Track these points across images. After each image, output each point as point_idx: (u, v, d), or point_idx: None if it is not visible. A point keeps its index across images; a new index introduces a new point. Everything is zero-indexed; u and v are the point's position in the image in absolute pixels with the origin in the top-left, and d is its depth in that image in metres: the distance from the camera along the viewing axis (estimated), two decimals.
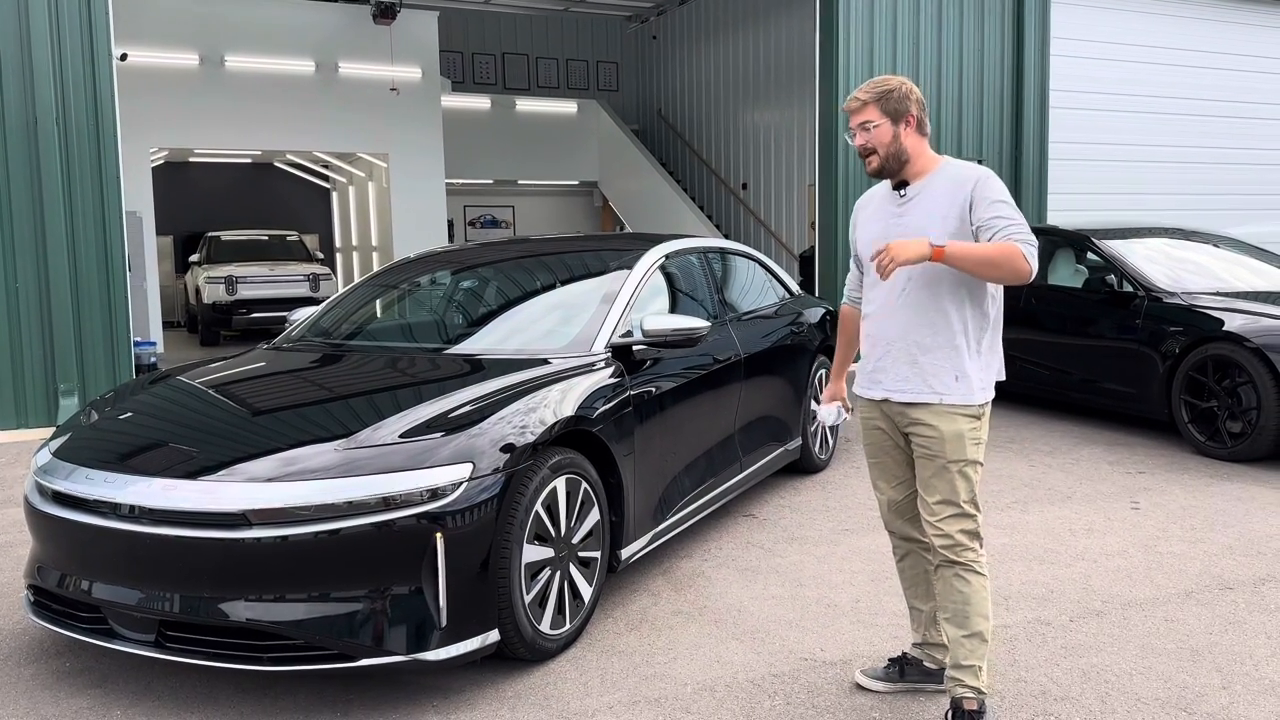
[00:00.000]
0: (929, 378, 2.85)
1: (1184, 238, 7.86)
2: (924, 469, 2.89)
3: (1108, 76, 11.75)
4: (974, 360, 2.85)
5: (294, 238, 16.18)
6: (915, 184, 2.90)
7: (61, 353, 7.48)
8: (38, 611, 3.39)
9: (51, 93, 7.37)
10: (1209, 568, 4.29)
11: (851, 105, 2.92)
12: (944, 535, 2.85)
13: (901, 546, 3.13)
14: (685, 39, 17.59)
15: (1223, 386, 6.15)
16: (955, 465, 2.83)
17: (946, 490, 2.84)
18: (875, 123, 2.86)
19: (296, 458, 3.12)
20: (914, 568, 3.11)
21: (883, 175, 2.92)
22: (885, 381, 2.94)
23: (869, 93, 2.89)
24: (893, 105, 2.86)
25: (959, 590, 2.85)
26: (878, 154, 2.88)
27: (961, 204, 2.80)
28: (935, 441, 2.84)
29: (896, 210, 2.92)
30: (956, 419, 2.83)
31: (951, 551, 2.84)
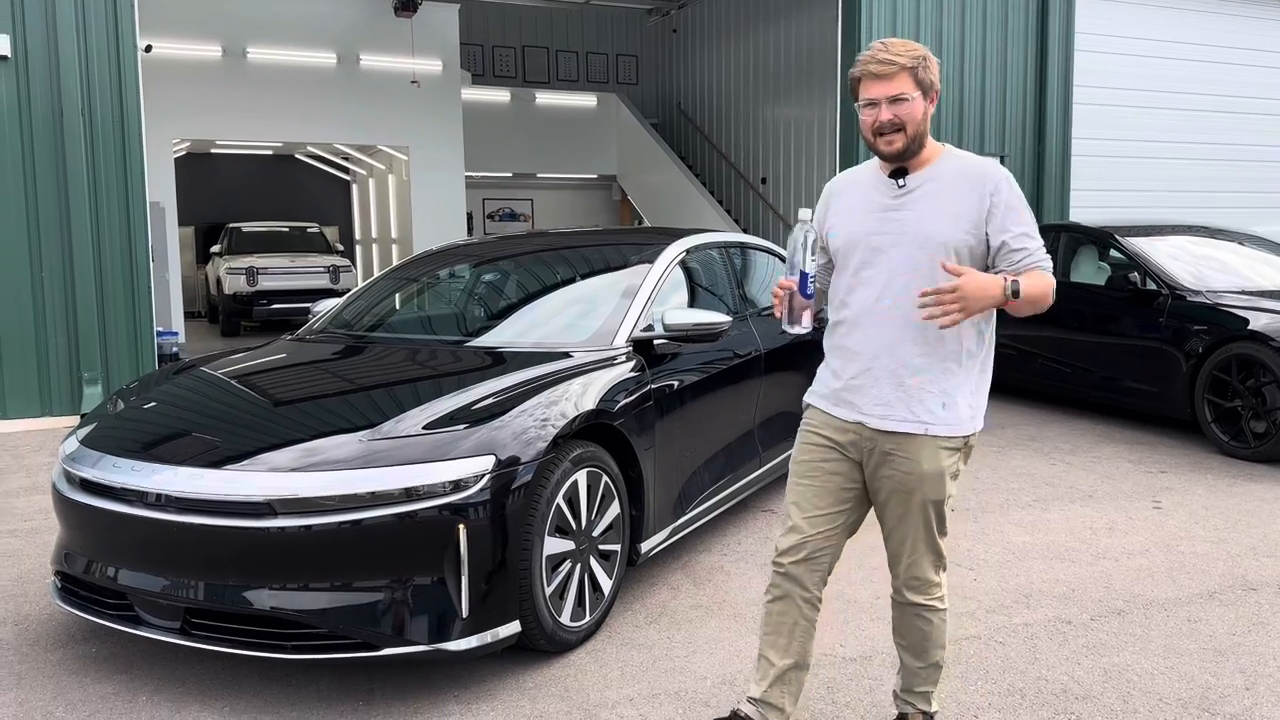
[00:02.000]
0: (914, 404, 2.45)
1: (1209, 235, 7.79)
2: (896, 506, 2.53)
3: (1132, 72, 11.65)
4: (966, 385, 2.49)
5: (314, 230, 16.26)
6: (918, 173, 2.48)
7: (86, 342, 7.55)
8: (64, 597, 3.43)
9: (77, 84, 7.43)
10: (1232, 568, 4.26)
11: (879, 70, 2.39)
12: (913, 578, 2.59)
13: (782, 586, 2.62)
14: (706, 33, 17.54)
15: (1247, 386, 6.10)
16: (933, 505, 2.51)
17: (925, 533, 2.54)
18: (910, 95, 2.39)
19: (320, 448, 3.14)
20: (785, 614, 2.62)
21: (902, 159, 2.46)
22: (861, 404, 2.52)
23: (905, 56, 2.40)
24: (927, 76, 2.42)
25: (920, 628, 2.64)
26: (905, 132, 2.41)
27: (979, 206, 2.42)
28: (912, 480, 2.48)
29: (892, 202, 2.49)
30: (939, 454, 2.47)
31: (920, 593, 2.60)
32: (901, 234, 2.45)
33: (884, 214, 2.49)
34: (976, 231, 2.43)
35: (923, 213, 2.45)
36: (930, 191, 2.46)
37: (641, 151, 18.01)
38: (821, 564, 2.60)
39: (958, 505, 5.19)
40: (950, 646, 3.44)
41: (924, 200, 2.46)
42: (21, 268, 7.40)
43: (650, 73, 19.58)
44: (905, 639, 2.68)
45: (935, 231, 2.42)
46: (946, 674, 3.23)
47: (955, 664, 3.33)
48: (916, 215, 2.45)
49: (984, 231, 2.43)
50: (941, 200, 2.44)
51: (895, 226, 2.47)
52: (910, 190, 2.48)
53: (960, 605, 3.85)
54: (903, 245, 2.45)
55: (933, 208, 2.44)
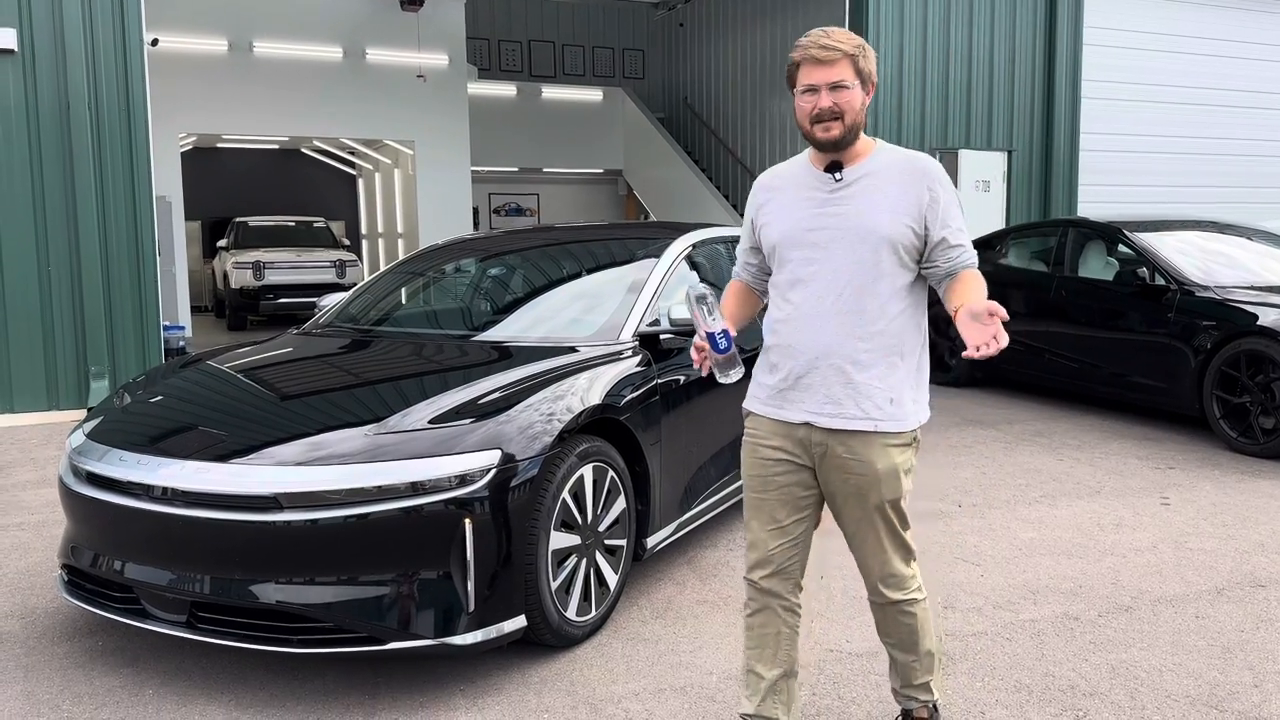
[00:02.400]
0: (862, 400, 2.40)
1: (1217, 230, 7.76)
2: (853, 507, 2.47)
3: (1141, 67, 11.60)
4: (909, 380, 2.46)
5: (321, 224, 16.28)
6: (854, 166, 2.43)
7: (92, 336, 7.57)
8: (71, 591, 3.44)
9: (83, 78, 7.43)
10: (1240, 565, 4.25)
11: (822, 55, 2.35)
12: (889, 575, 2.53)
13: (758, 600, 2.59)
14: (712, 27, 17.50)
15: (1256, 382, 6.07)
16: (891, 504, 2.46)
17: (888, 531, 2.49)
18: (850, 83, 2.36)
19: (326, 442, 3.14)
20: (766, 626, 2.58)
21: (838, 148, 2.41)
22: (807, 403, 2.45)
23: (847, 44, 2.37)
24: (867, 66, 2.40)
25: (905, 624, 2.58)
26: (843, 122, 2.37)
27: (920, 201, 2.39)
28: (867, 482, 2.43)
29: (829, 196, 2.43)
30: (890, 452, 2.42)
31: (896, 589, 2.54)
32: (843, 228, 2.41)
33: (822, 209, 2.44)
34: (916, 225, 2.39)
35: (863, 207, 2.40)
36: (868, 185, 2.42)
37: (647, 146, 17.99)
38: (793, 572, 2.57)
39: (964, 501, 5.18)
40: (959, 643, 3.44)
41: (863, 194, 2.41)
42: (29, 262, 7.41)
43: (656, 67, 19.55)
44: (892, 636, 2.64)
45: (877, 225, 2.38)
46: (953, 669, 3.23)
47: (962, 660, 3.32)
48: (857, 209, 2.41)
49: (924, 226, 2.40)
50: (880, 194, 2.40)
51: (835, 221, 2.42)
52: (848, 184, 2.43)
53: (967, 601, 3.84)
54: (845, 240, 2.40)
55: (872, 202, 2.40)
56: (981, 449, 6.34)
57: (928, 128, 10.52)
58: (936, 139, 10.58)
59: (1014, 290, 8.06)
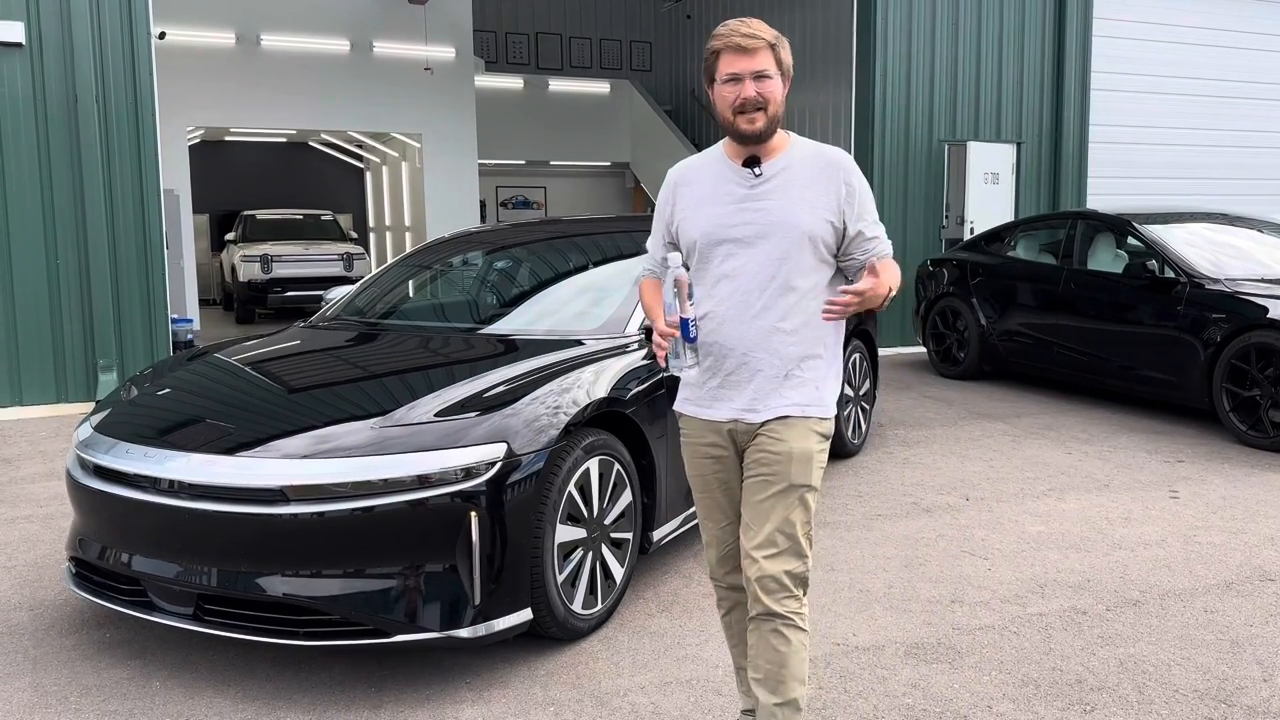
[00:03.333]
0: (789, 391, 2.38)
1: (1227, 223, 7.71)
2: (757, 492, 2.38)
3: (1151, 58, 11.54)
4: (829, 369, 2.45)
5: (328, 217, 16.28)
6: (772, 160, 2.40)
7: (100, 329, 7.59)
8: (79, 583, 3.45)
9: (91, 71, 7.44)
10: (1250, 559, 4.23)
11: (746, 44, 2.33)
12: (768, 576, 2.34)
13: (729, 598, 2.61)
14: (719, 18, 17.28)
15: (1266, 375, 6.03)
16: (797, 490, 2.36)
17: (780, 519, 2.35)
18: (772, 73, 2.34)
19: (333, 435, 3.14)
20: (740, 622, 2.59)
21: (761, 140, 2.37)
22: (736, 400, 2.41)
23: (768, 33, 2.36)
24: (786, 57, 2.39)
25: (776, 649, 2.36)
26: (765, 113, 2.34)
27: (838, 194, 2.38)
28: (779, 460, 2.36)
29: (749, 191, 2.39)
30: (809, 436, 2.38)
31: (772, 598, 2.34)
32: (767, 224, 2.37)
33: (742, 204, 2.40)
34: (835, 219, 2.38)
35: (784, 202, 2.37)
36: (787, 180, 2.39)
37: (655, 138, 17.95)
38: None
39: (972, 495, 5.17)
40: (966, 636, 3.43)
41: (782, 189, 2.38)
42: (37, 255, 7.43)
43: (664, 59, 19.49)
44: (760, 668, 2.40)
45: (799, 220, 2.35)
46: (960, 663, 3.22)
47: (969, 654, 3.31)
48: (778, 205, 2.37)
49: (842, 220, 2.39)
50: (800, 189, 2.38)
51: (758, 217, 2.38)
52: (767, 179, 2.40)
53: (974, 595, 3.83)
54: (770, 236, 2.36)
55: (793, 197, 2.38)
56: (989, 442, 6.32)
57: (936, 120, 10.48)
58: (945, 131, 10.54)
59: (1023, 283, 8.03)
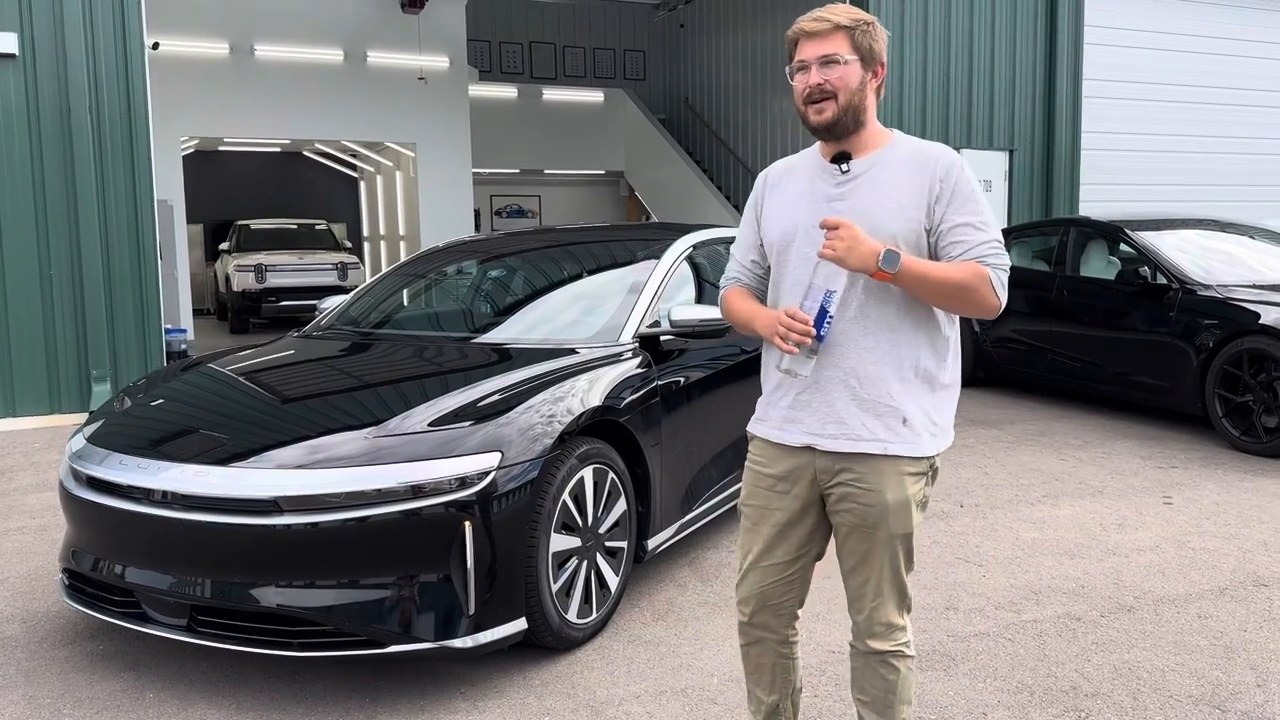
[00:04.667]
0: (869, 419, 2.17)
1: (1219, 229, 7.74)
2: (856, 543, 2.24)
3: (1143, 66, 11.59)
4: (928, 399, 2.21)
5: (322, 226, 16.30)
6: (863, 158, 2.19)
7: (94, 339, 7.58)
8: (72, 595, 3.44)
9: (84, 81, 7.45)
10: (1243, 564, 4.23)
11: (813, 27, 2.14)
12: (878, 624, 2.27)
13: (752, 634, 2.41)
14: (713, 27, 17.49)
15: (1258, 380, 6.05)
16: (900, 540, 2.22)
17: (888, 572, 2.23)
18: (845, 58, 2.13)
19: (326, 445, 3.14)
20: (761, 657, 2.44)
21: (833, 134, 2.18)
22: (809, 423, 2.22)
23: (843, 15, 2.14)
24: (868, 41, 2.15)
25: (885, 678, 2.29)
26: (837, 101, 2.13)
27: (927, 193, 2.14)
28: (875, 513, 2.18)
29: (834, 191, 2.20)
30: (904, 481, 2.18)
31: (884, 639, 2.27)
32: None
33: (827, 205, 2.20)
34: (927, 223, 2.15)
35: (867, 203, 2.16)
36: (875, 179, 2.18)
37: (649, 147, 17.98)
38: (787, 607, 2.39)
39: (966, 501, 5.17)
40: (961, 644, 3.43)
41: (868, 189, 2.17)
42: (30, 266, 7.42)
43: (658, 68, 19.54)
44: (866, 693, 2.33)
45: (881, 223, 2.12)
46: (954, 670, 3.22)
47: (964, 661, 3.31)
48: (861, 206, 2.16)
49: (932, 220, 2.15)
50: (887, 188, 2.16)
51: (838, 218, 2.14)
52: (854, 177, 2.19)
53: (969, 602, 3.83)
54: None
55: (877, 197, 2.16)
56: (984, 449, 6.33)
57: (929, 128, 10.52)
58: (938, 139, 10.51)
59: (1016, 290, 8.03)
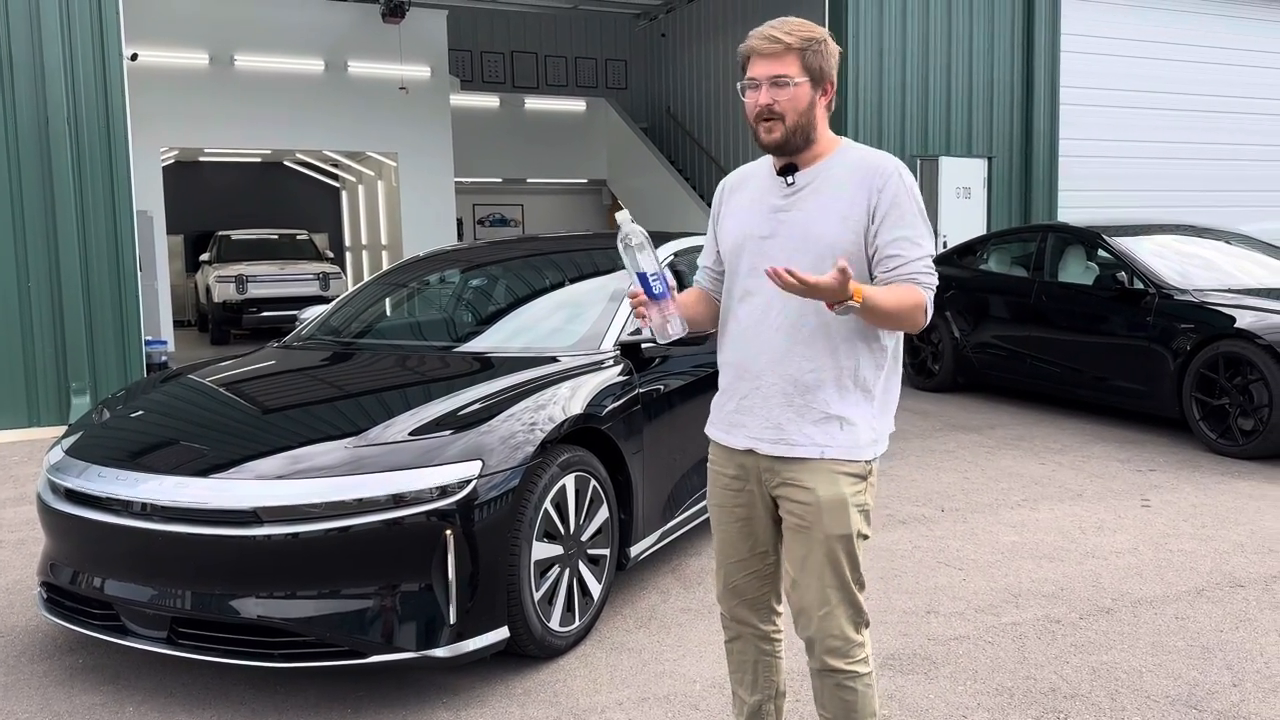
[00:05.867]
0: (807, 425, 2.18)
1: (1195, 234, 7.83)
2: (798, 545, 2.21)
3: (1119, 73, 11.72)
4: (865, 405, 2.20)
5: (304, 237, 16.23)
6: (808, 169, 2.21)
7: (73, 351, 7.52)
8: (50, 608, 3.41)
9: (62, 92, 7.41)
10: (1220, 565, 4.28)
11: (764, 47, 2.15)
12: (829, 636, 2.21)
13: (733, 629, 2.47)
14: (694, 36, 17.56)
15: (1234, 384, 6.12)
16: (839, 542, 2.19)
17: (828, 575, 2.19)
18: (795, 79, 2.13)
19: (307, 455, 3.14)
20: (744, 653, 2.48)
21: (782, 152, 2.20)
22: (750, 426, 2.24)
23: (794, 35, 2.14)
24: (818, 61, 2.15)
25: (842, 700, 2.26)
26: (784, 122, 2.15)
27: (868, 205, 2.14)
28: (810, 510, 2.18)
29: (780, 202, 2.22)
30: (838, 480, 2.18)
31: (834, 656, 2.22)
32: (789, 236, 2.19)
33: (773, 215, 2.23)
34: (859, 229, 2.15)
35: (809, 213, 2.18)
36: (818, 189, 2.19)
37: (631, 155, 18.02)
38: (763, 601, 2.42)
39: (947, 506, 5.20)
40: (941, 647, 3.46)
41: (811, 199, 2.19)
42: (8, 277, 7.37)
43: (639, 77, 19.59)
44: (828, 709, 2.31)
45: (822, 233, 2.15)
46: (935, 673, 3.25)
47: (944, 664, 3.33)
48: (803, 216, 2.19)
49: (870, 233, 2.15)
50: (828, 198, 2.18)
51: (783, 228, 2.20)
52: (799, 188, 2.21)
53: (949, 605, 3.85)
54: (790, 248, 2.17)
55: (819, 207, 2.18)
56: (964, 454, 6.37)
57: (908, 136, 10.59)
58: (917, 147, 10.65)
59: (995, 296, 8.11)
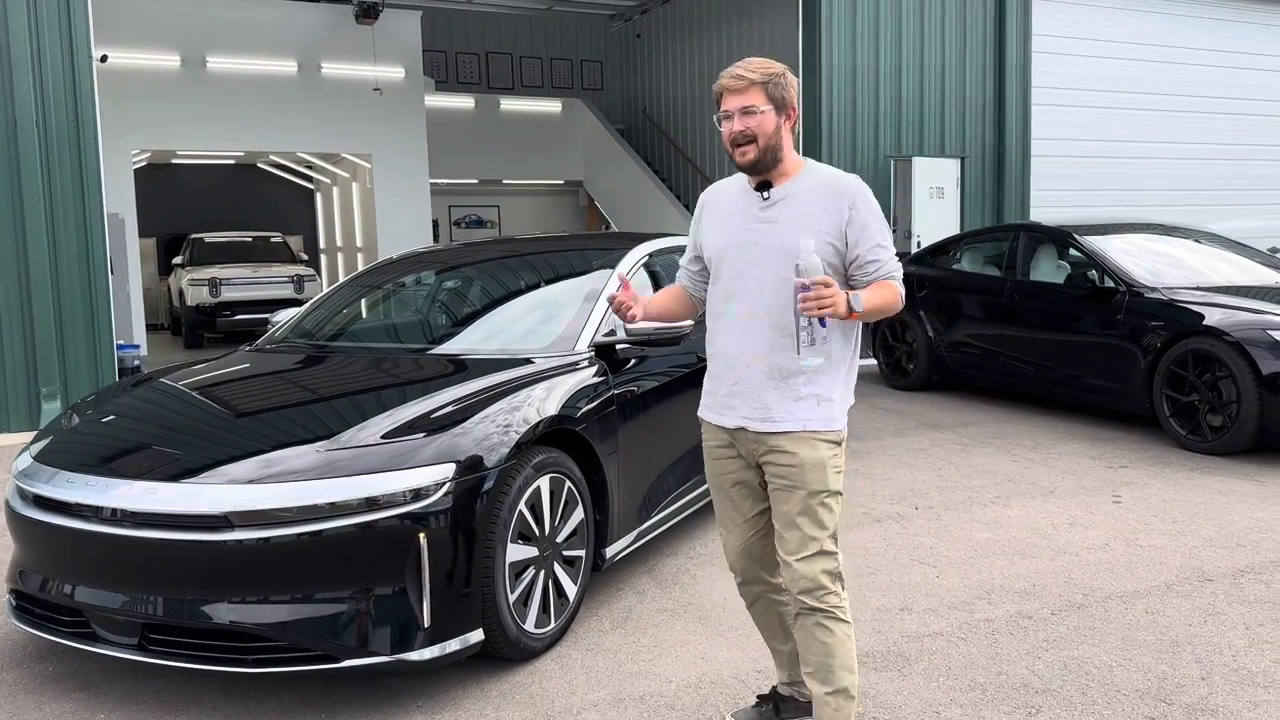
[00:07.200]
0: (790, 404, 2.56)
1: (1164, 233, 7.91)
2: (782, 502, 2.59)
3: (1089, 73, 11.83)
4: (838, 383, 2.61)
5: (278, 239, 16.12)
6: (781, 186, 2.61)
7: (43, 356, 7.44)
8: (20, 616, 3.38)
9: (31, 94, 7.33)
10: (1189, 560, 4.33)
11: (732, 84, 2.55)
12: (804, 578, 2.55)
13: (750, 592, 2.83)
14: (669, 37, 17.59)
15: (1203, 380, 6.19)
16: (817, 497, 2.55)
17: (808, 525, 2.56)
18: (761, 108, 2.53)
19: (279, 459, 3.12)
20: (766, 612, 2.85)
21: (755, 171, 2.59)
22: (741, 408, 2.62)
23: (757, 72, 2.55)
24: (780, 92, 2.56)
25: (821, 641, 2.57)
26: (757, 144, 2.54)
27: (839, 219, 2.54)
28: (794, 471, 2.56)
29: (760, 214, 2.61)
30: (818, 445, 2.56)
31: (812, 596, 2.56)
32: (769, 244, 2.57)
33: (752, 225, 2.62)
34: (837, 242, 2.55)
35: (787, 224, 2.56)
36: (795, 203, 2.58)
37: (607, 156, 18.02)
38: (770, 557, 2.74)
39: (921, 504, 5.24)
40: (915, 644, 3.48)
41: (787, 212, 2.58)
42: None
43: (615, 78, 19.60)
44: (810, 664, 2.60)
45: (800, 242, 2.48)
46: (908, 670, 3.27)
47: (918, 661, 3.36)
48: (781, 227, 2.57)
49: (844, 242, 2.55)
50: (805, 213, 2.56)
51: (763, 238, 2.59)
52: (774, 203, 2.60)
53: (923, 603, 3.88)
54: (770, 256, 2.56)
55: (796, 219, 2.56)
56: (938, 452, 6.41)
57: (882, 137, 10.65)
58: (890, 147, 10.71)
59: (968, 295, 8.17)
